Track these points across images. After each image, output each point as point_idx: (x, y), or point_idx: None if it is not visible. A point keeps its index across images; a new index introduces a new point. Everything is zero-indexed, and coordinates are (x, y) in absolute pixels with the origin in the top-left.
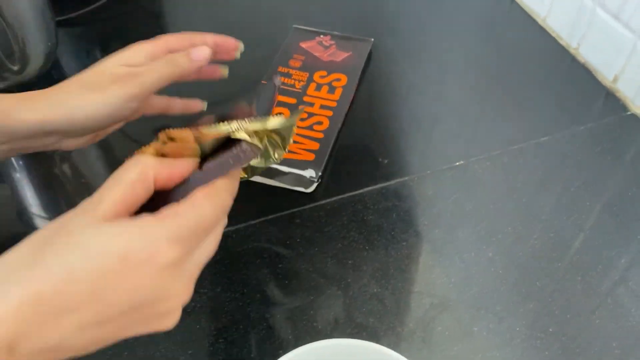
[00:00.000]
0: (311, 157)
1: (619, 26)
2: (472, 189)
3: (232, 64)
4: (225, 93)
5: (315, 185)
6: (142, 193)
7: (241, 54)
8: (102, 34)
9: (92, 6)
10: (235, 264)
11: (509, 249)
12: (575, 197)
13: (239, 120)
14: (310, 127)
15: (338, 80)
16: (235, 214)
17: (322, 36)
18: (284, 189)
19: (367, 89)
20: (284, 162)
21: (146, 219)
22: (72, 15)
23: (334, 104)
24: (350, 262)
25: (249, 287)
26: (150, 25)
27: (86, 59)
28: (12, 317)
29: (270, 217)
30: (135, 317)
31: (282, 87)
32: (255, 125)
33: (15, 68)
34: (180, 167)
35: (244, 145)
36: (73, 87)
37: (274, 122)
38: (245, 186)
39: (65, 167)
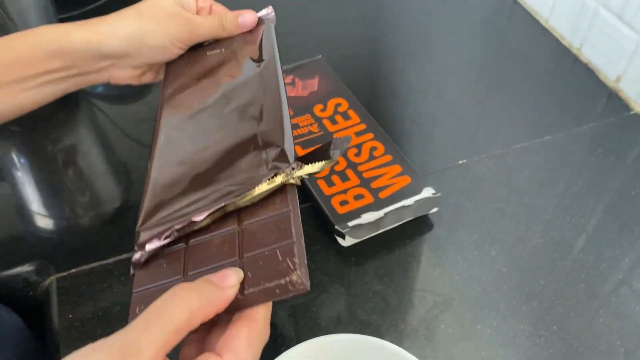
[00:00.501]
0: (407, 179)
1: (622, 26)
2: (474, 188)
3: None
4: None
5: (438, 194)
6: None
7: None
8: None
9: (94, 5)
10: None
11: (511, 248)
12: (577, 197)
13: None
14: (374, 157)
15: (339, 104)
16: None
17: None
18: None
19: (367, 93)
20: (394, 202)
21: None
22: (74, 13)
23: (364, 126)
24: (352, 259)
25: None
26: None
27: None
28: None
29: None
30: None
31: (309, 137)
32: (304, 170)
33: None
34: (224, 300)
35: (294, 277)
36: (131, 15)
37: (318, 166)
38: None
39: (67, 165)
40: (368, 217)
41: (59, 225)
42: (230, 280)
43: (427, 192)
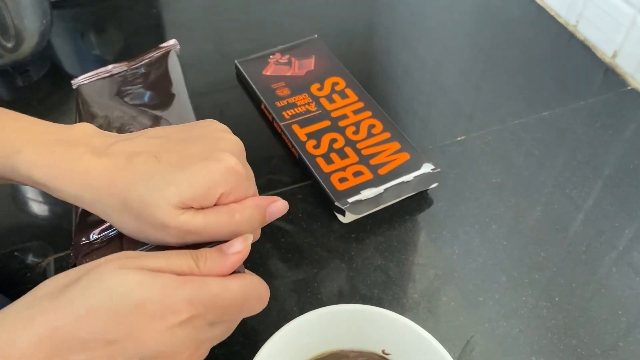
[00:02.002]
0: (407, 156)
1: (618, 1)
2: (474, 163)
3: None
4: None
5: (438, 170)
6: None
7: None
8: (97, 16)
9: None
10: None
11: (512, 222)
12: (576, 171)
13: None
14: (372, 135)
15: (337, 83)
16: None
17: (270, 57)
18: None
19: (364, 71)
20: (394, 178)
21: (172, 277)
22: None
23: (362, 104)
24: (353, 235)
25: (252, 262)
26: (145, 7)
27: (80, 41)
28: (29, 347)
29: (271, 193)
30: None
31: (307, 115)
32: None
33: (10, 45)
34: (227, 266)
35: None
36: (128, 215)
37: None
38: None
39: None
40: (367, 193)
41: (56, 208)
42: (235, 247)
43: (427, 168)
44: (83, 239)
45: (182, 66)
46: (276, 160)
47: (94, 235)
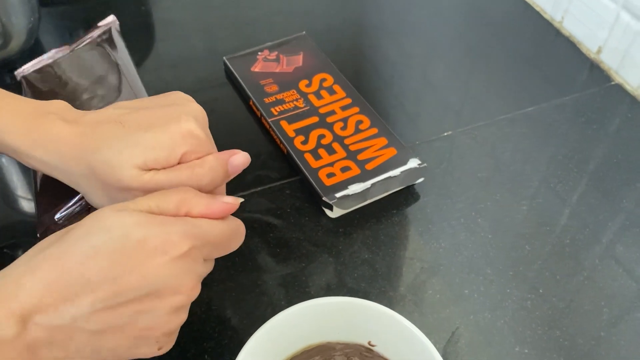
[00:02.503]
0: (394, 151)
1: None
2: (460, 158)
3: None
4: None
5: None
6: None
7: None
8: (85, 13)
9: None
10: None
11: (497, 216)
12: (561, 165)
13: None
14: (360, 130)
15: (325, 80)
16: (226, 187)
17: (259, 54)
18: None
19: (352, 68)
20: (381, 173)
21: (167, 216)
22: None
23: (349, 100)
24: (341, 230)
25: (240, 256)
26: (134, 4)
27: (68, 38)
28: (38, 290)
29: (259, 188)
30: (145, 307)
31: (295, 112)
32: None
33: None
34: (217, 208)
35: None
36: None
37: None
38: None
39: None
40: (355, 188)
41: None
42: (226, 198)
43: (413, 163)
44: (47, 220)
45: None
46: (264, 156)
47: (59, 214)
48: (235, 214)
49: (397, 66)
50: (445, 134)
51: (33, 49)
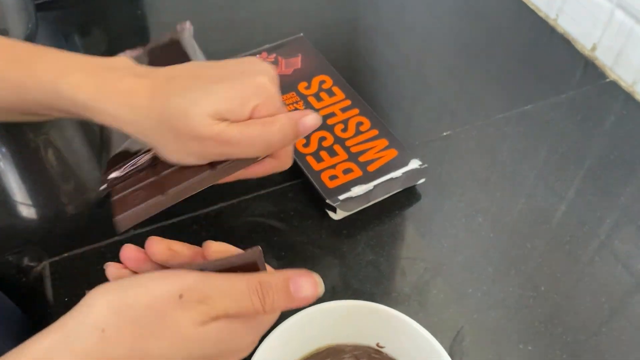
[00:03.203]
0: (394, 152)
1: None
2: (459, 158)
3: None
4: None
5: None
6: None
7: None
8: (82, 18)
9: None
10: (230, 238)
11: (497, 215)
12: (558, 163)
13: None
14: (360, 132)
15: (324, 82)
16: (228, 190)
17: (257, 57)
18: None
19: (349, 69)
20: (383, 174)
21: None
22: None
23: (349, 102)
24: (344, 232)
25: None
26: (130, 8)
27: (65, 43)
28: None
29: (262, 192)
30: None
31: None
32: None
33: None
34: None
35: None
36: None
37: None
38: None
39: (51, 152)
40: (358, 190)
41: (49, 212)
42: (304, 291)
43: (414, 164)
44: (112, 174)
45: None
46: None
47: (123, 170)
48: (239, 217)
49: (394, 67)
50: (444, 134)
51: None
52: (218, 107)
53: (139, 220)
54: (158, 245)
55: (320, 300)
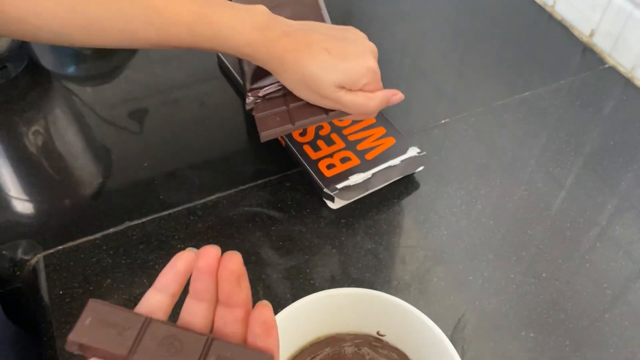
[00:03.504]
0: (392, 140)
1: None
2: (458, 145)
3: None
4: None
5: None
6: None
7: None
8: None
9: None
10: (227, 228)
11: (497, 201)
12: (558, 149)
13: None
14: (358, 120)
15: None
16: (224, 181)
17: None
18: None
19: None
20: (381, 163)
21: None
22: None
23: None
24: (342, 221)
25: (243, 250)
26: None
27: None
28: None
29: (259, 182)
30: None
31: None
32: None
33: None
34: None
35: None
36: (297, 76)
37: None
38: (233, 154)
39: (43, 146)
40: (356, 179)
41: (43, 205)
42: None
43: (413, 152)
44: (255, 87)
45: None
46: (263, 150)
47: (263, 91)
48: (236, 208)
49: (391, 55)
50: (442, 121)
51: (22, 48)
52: (341, 81)
53: (274, 137)
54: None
55: (318, 289)
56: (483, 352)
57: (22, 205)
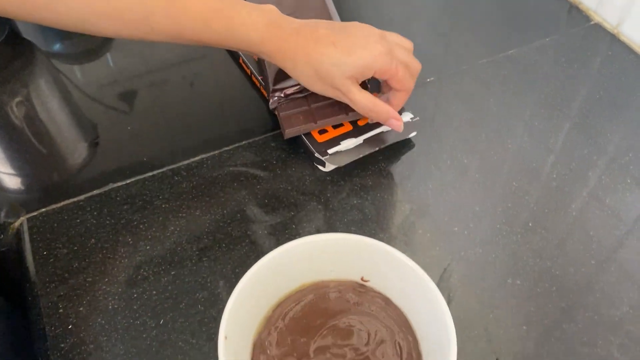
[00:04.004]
0: None
1: None
2: (443, 102)
3: None
4: None
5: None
6: None
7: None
8: None
9: None
10: (212, 188)
11: (483, 155)
12: (545, 105)
13: None
14: None
15: None
16: (208, 143)
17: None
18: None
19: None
20: (373, 128)
21: None
22: None
23: None
24: (328, 178)
25: (228, 209)
26: None
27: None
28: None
29: (244, 142)
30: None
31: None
32: None
33: None
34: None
35: None
36: (309, 71)
37: None
38: (218, 116)
39: (25, 112)
40: (347, 144)
41: (25, 167)
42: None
43: (406, 117)
44: (279, 87)
45: None
46: (252, 111)
47: (285, 92)
48: (221, 168)
49: (378, 14)
50: (428, 80)
51: (1, 18)
52: (351, 73)
53: (297, 134)
54: None
55: None
56: (469, 300)
57: (4, 167)
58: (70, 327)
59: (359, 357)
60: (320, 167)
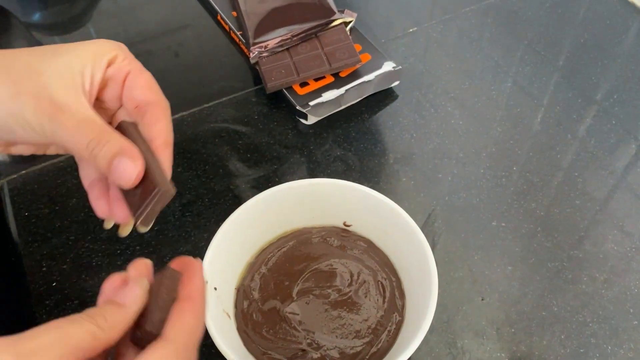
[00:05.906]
0: (368, 57)
1: None
2: (426, 52)
3: None
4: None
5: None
6: None
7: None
8: None
9: None
10: (193, 144)
11: (466, 103)
12: (529, 50)
13: None
14: None
15: None
16: (188, 100)
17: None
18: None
19: None
20: (355, 79)
21: None
22: None
23: None
24: (311, 131)
25: (210, 164)
26: None
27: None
28: None
29: (224, 99)
30: None
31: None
32: None
33: None
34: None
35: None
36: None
37: None
38: (196, 73)
39: None
40: (329, 95)
41: None
42: (128, 296)
43: (388, 66)
44: (259, 41)
45: None
46: (230, 68)
47: (267, 45)
48: (201, 124)
49: None
50: (411, 30)
51: None
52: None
53: (279, 88)
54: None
55: None
56: (454, 242)
57: None
58: (54, 284)
59: (342, 297)
60: (303, 120)
